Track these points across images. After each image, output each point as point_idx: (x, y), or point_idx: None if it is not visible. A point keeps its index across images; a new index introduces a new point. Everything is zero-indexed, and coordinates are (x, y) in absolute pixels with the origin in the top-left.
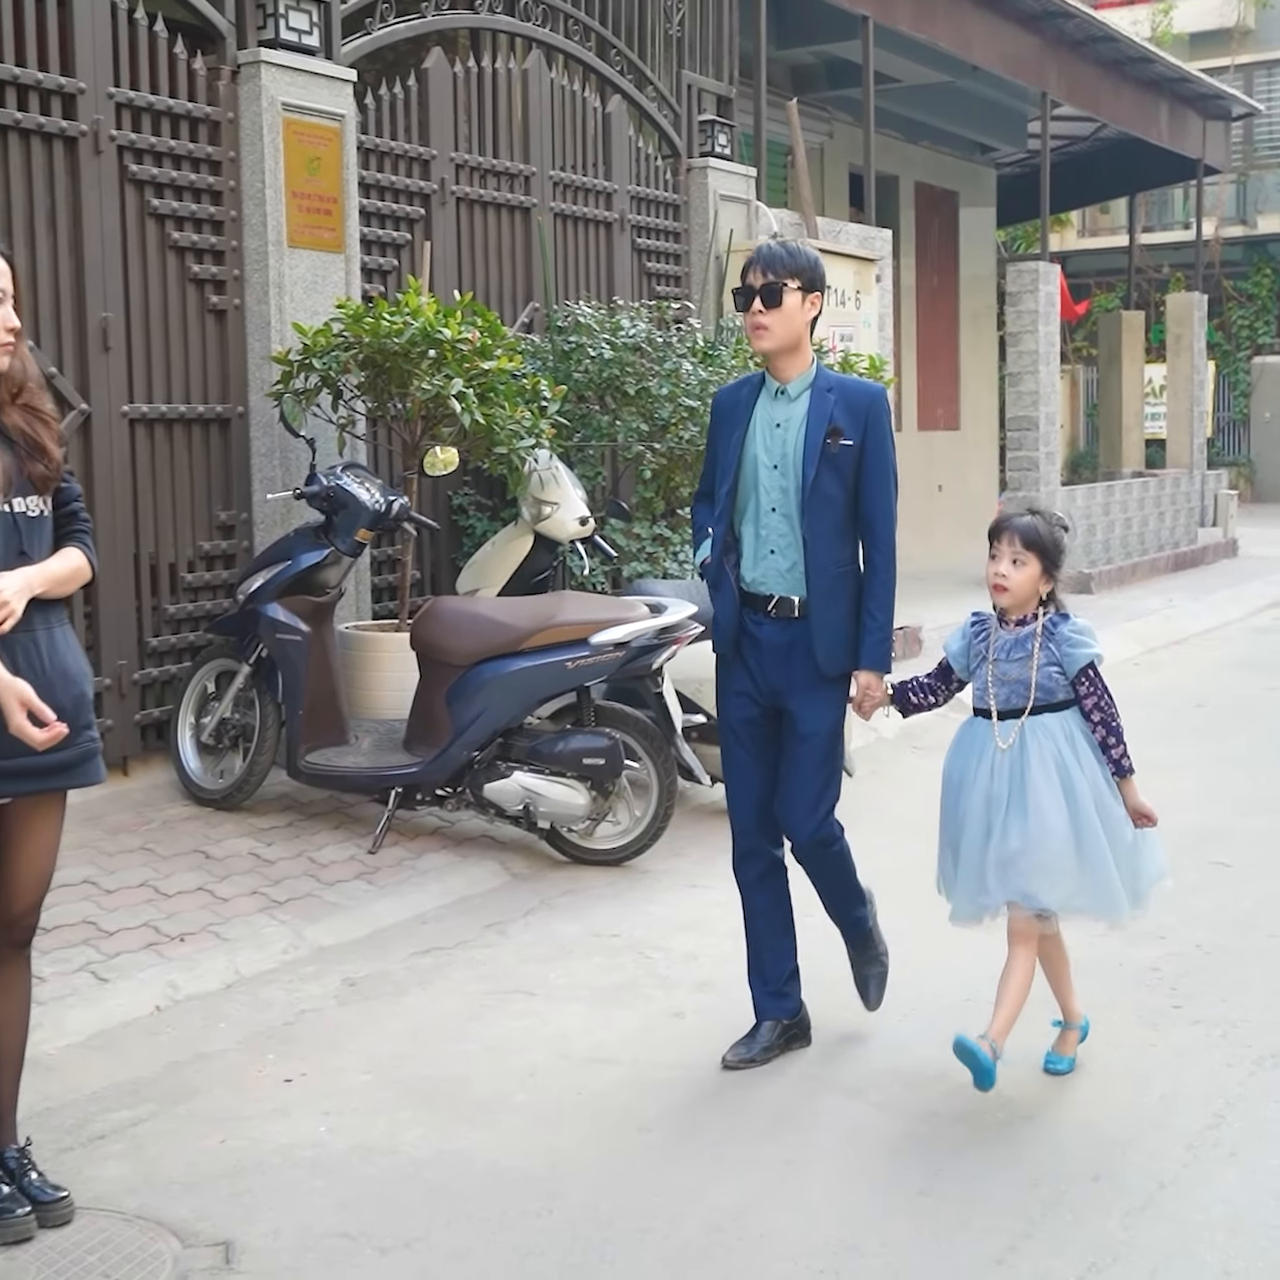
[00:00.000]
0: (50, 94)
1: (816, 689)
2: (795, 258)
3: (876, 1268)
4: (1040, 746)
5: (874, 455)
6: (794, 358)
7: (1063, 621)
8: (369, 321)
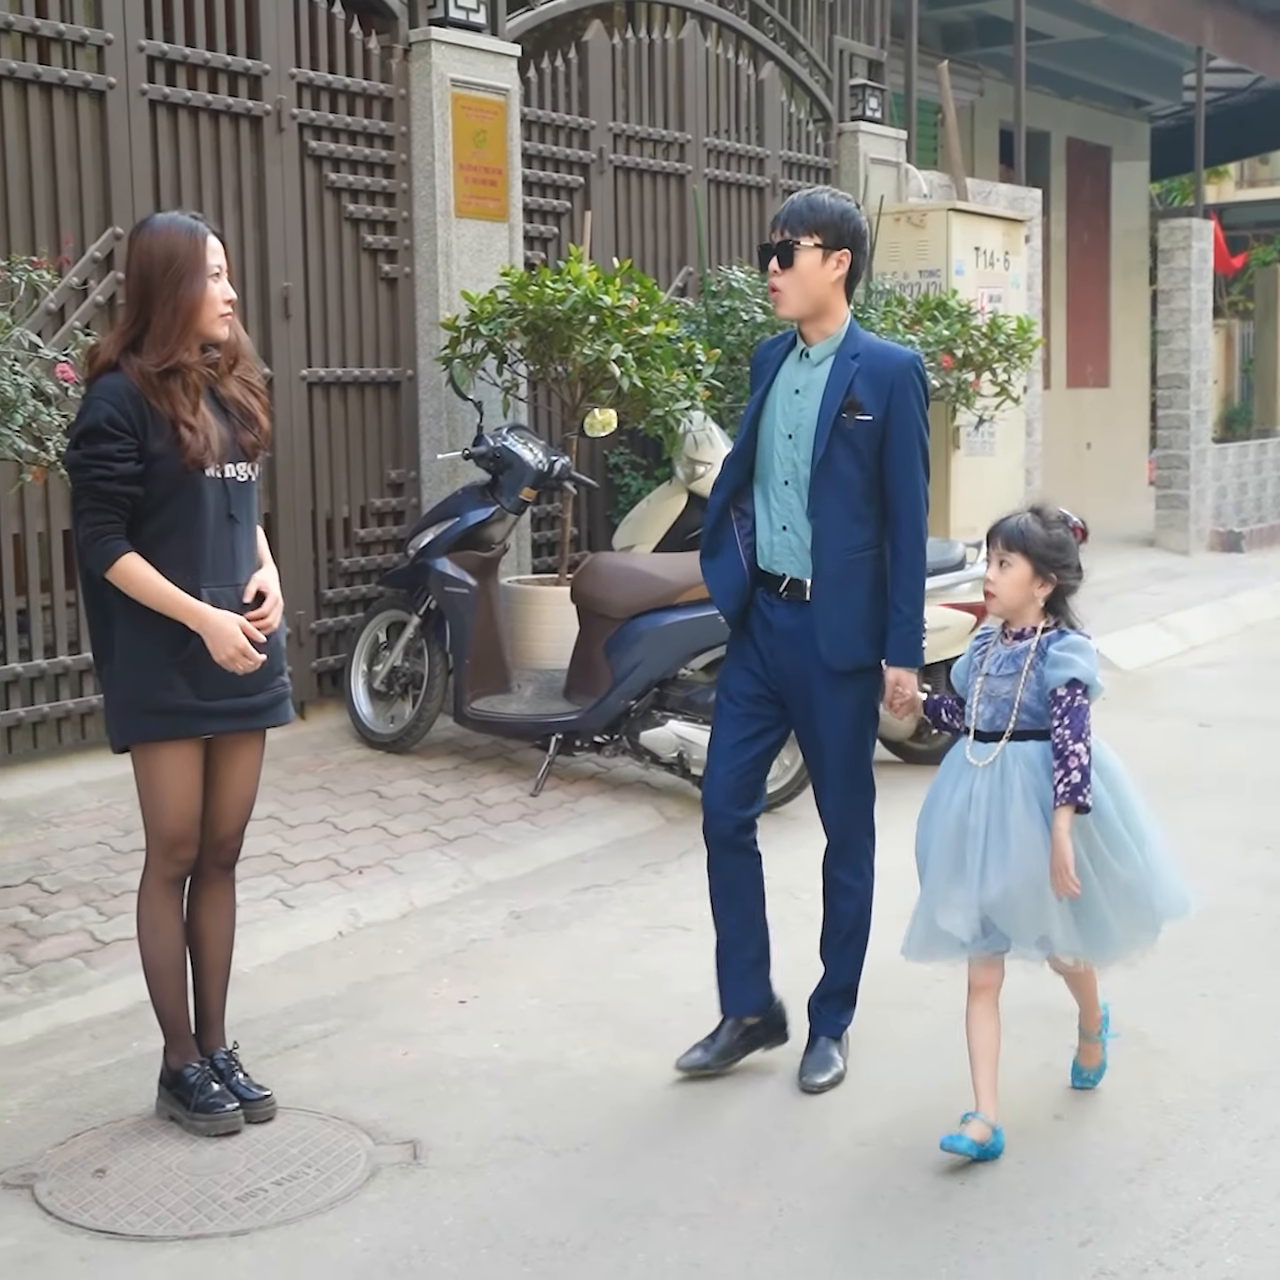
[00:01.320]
0: (238, 76)
1: (831, 684)
2: (816, 212)
3: (1014, 1182)
4: (1022, 778)
5: (899, 431)
6: (820, 322)
7: (1059, 637)
8: (533, 289)
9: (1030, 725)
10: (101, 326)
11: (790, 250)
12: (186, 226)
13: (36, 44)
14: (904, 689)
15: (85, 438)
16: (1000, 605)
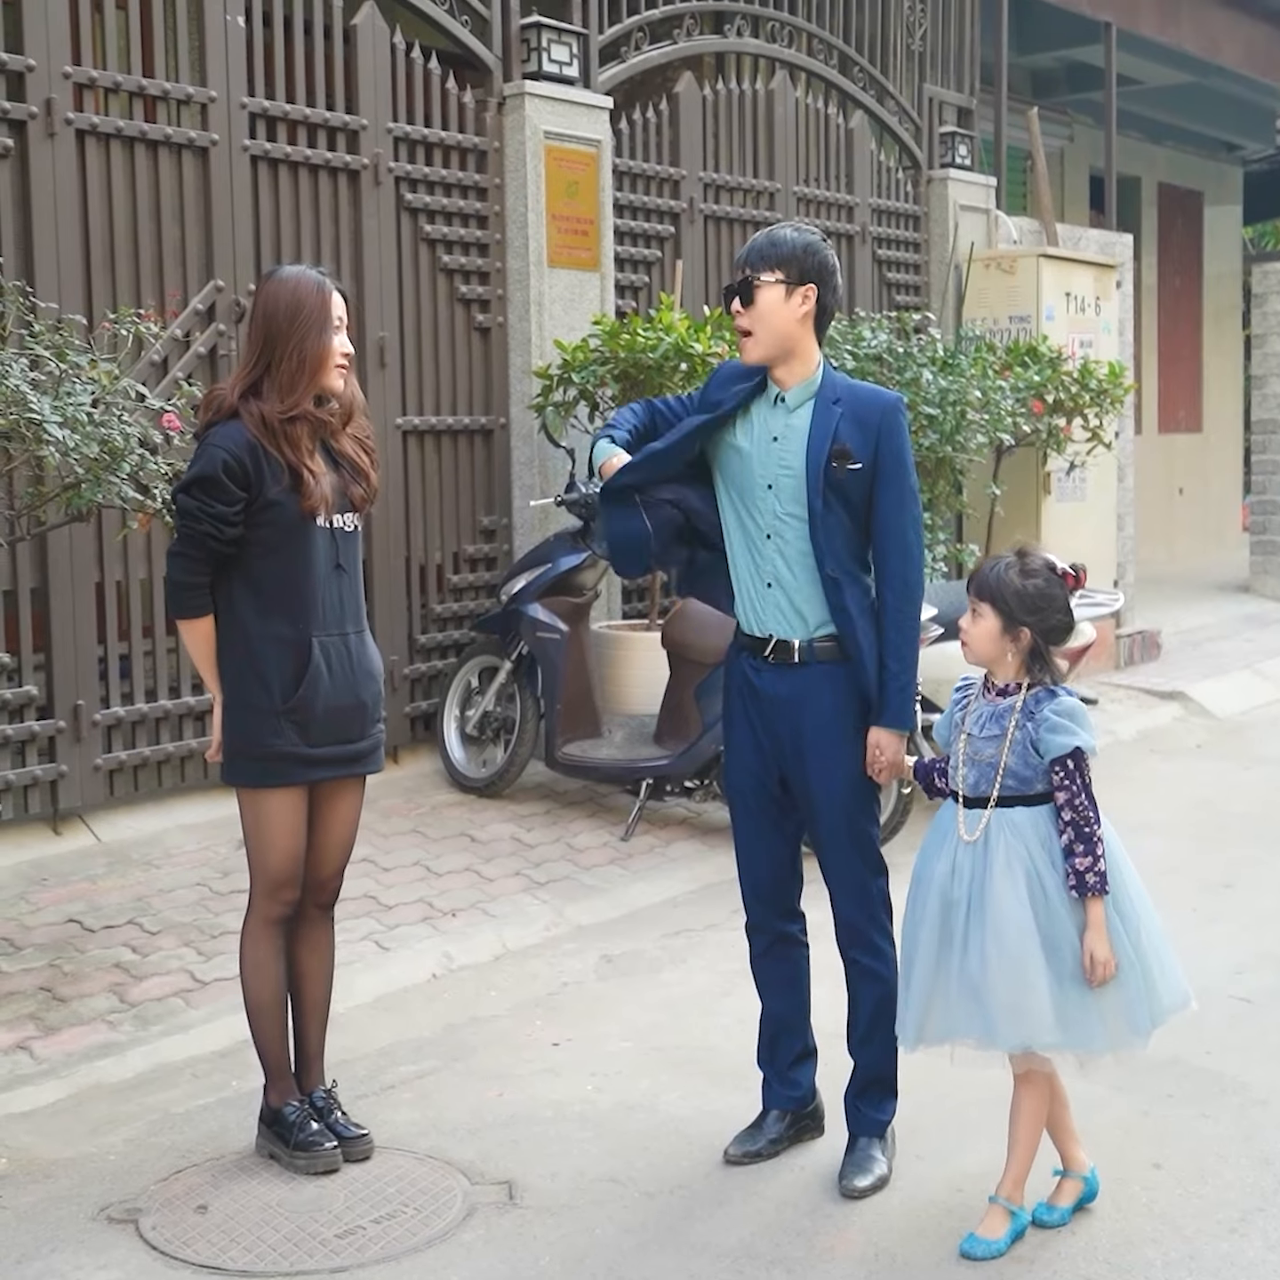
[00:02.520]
0: (336, 131)
1: (827, 748)
2: (777, 246)
3: (1111, 1231)
4: (1007, 847)
5: (887, 477)
6: (790, 363)
7: (1048, 699)
8: (625, 337)
9: (1015, 791)
10: (203, 377)
11: (750, 287)
12: (315, 279)
13: (143, 102)
14: (885, 753)
15: (200, 484)
16: (973, 655)
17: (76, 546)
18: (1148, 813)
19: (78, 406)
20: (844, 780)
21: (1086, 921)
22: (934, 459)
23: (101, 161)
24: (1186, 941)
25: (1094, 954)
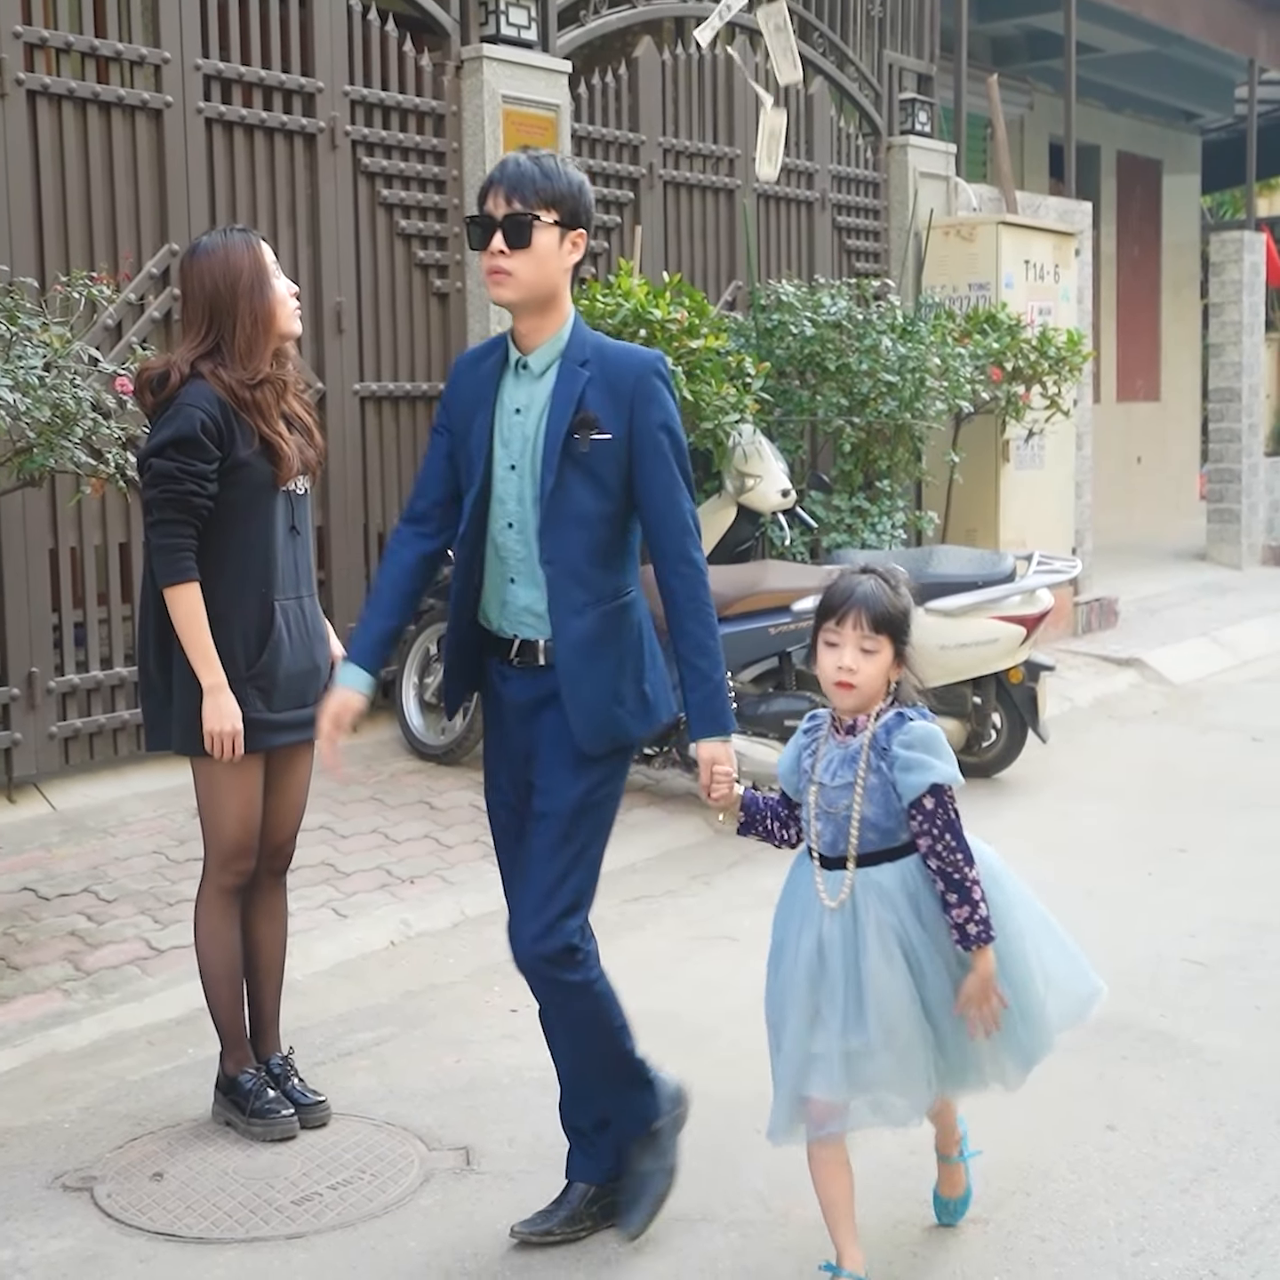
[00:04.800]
0: (292, 94)
1: (571, 765)
2: (553, 180)
3: (1066, 1191)
4: (877, 916)
5: (648, 449)
6: (543, 317)
7: (897, 726)
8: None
9: (878, 845)
10: (158, 341)
11: (527, 226)
12: (241, 239)
13: (95, 63)
14: (724, 765)
15: (179, 446)
16: (860, 697)
17: (29, 512)
18: (1104, 778)
19: (29, 370)
20: (586, 791)
21: (974, 970)
22: (893, 426)
23: (53, 123)
24: (1142, 905)
25: (980, 1005)
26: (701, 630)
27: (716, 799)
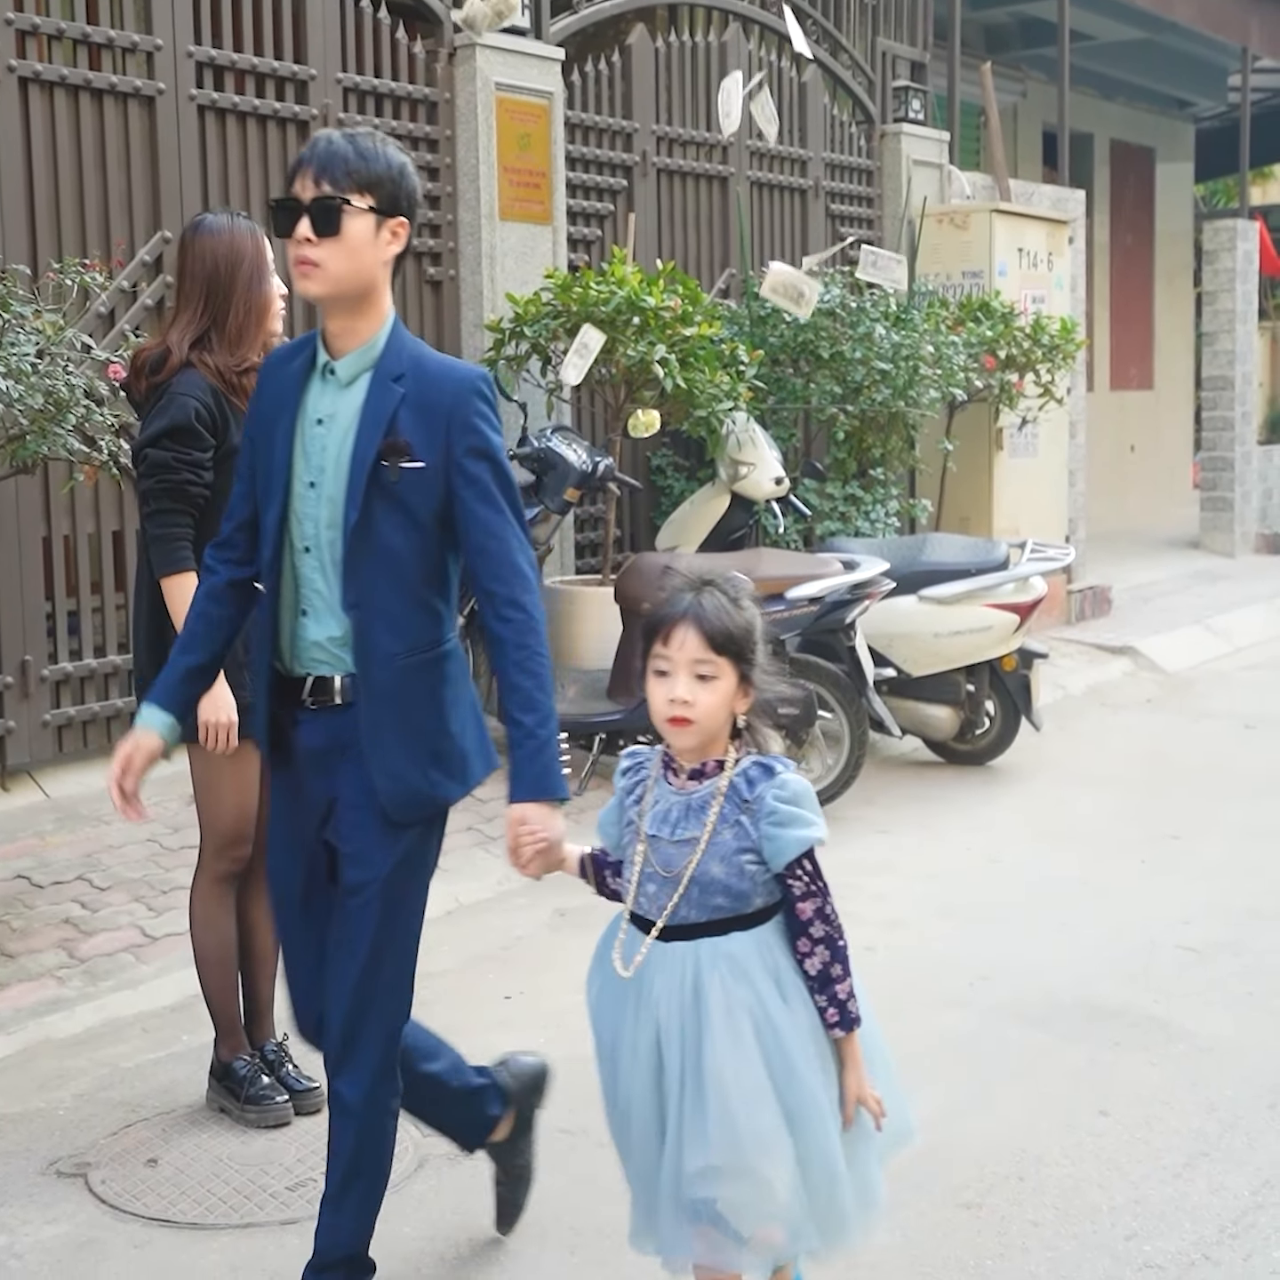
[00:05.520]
0: (284, 81)
1: (374, 828)
2: (369, 161)
3: (1059, 1176)
4: (726, 995)
5: (469, 484)
6: (356, 317)
7: (764, 777)
8: (577, 291)
9: (730, 910)
10: (150, 328)
11: (336, 211)
12: (247, 226)
13: (88, 50)
14: (534, 829)
15: (174, 436)
16: (700, 734)
17: (22, 500)
18: (1097, 765)
19: (22, 357)
20: (395, 859)
21: (843, 1060)
22: (886, 414)
23: (45, 110)
24: (1135, 892)
25: (861, 1097)
26: (529, 683)
27: (525, 866)
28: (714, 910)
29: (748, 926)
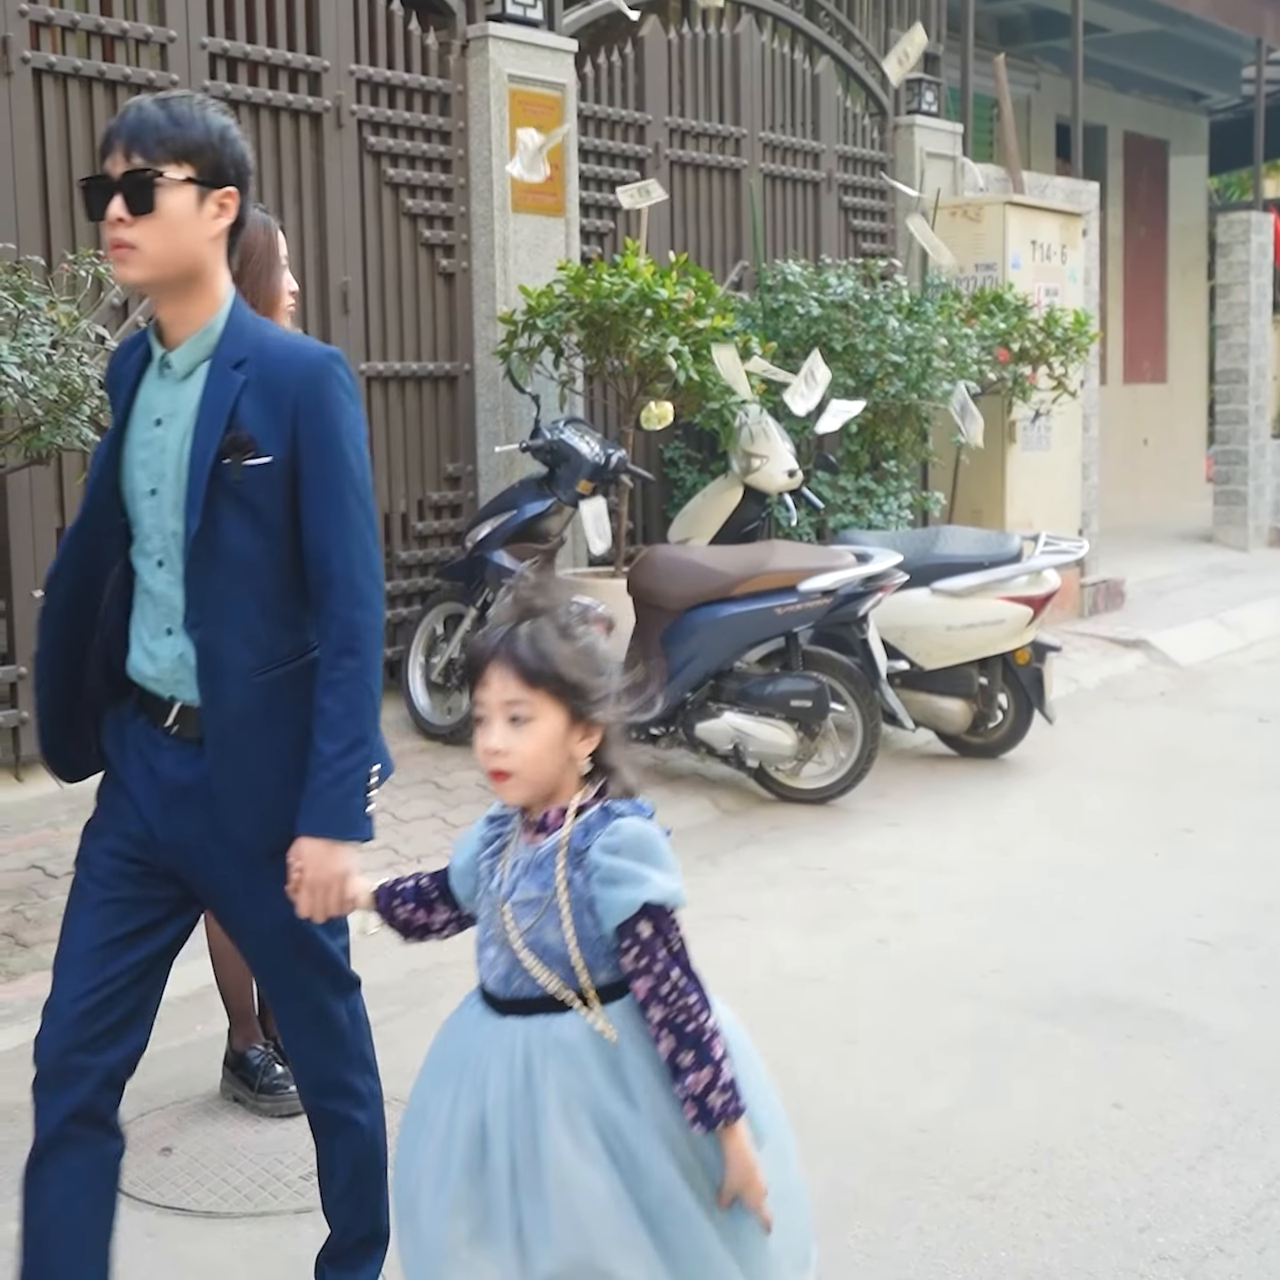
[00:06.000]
0: (298, 72)
1: (257, 867)
2: (184, 127)
3: (1072, 1168)
4: (560, 1085)
5: (315, 474)
6: (186, 302)
7: (601, 824)
8: (589, 283)
9: (568, 985)
10: None
11: (149, 186)
12: (261, 219)
13: (101, 42)
14: (312, 870)
15: None
16: (522, 786)
17: (36, 490)
18: (1110, 759)
19: (36, 348)
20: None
21: (724, 1157)
22: (899, 406)
23: (59, 101)
24: (1148, 885)
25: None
26: (338, 706)
27: (306, 909)
28: (555, 983)
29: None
